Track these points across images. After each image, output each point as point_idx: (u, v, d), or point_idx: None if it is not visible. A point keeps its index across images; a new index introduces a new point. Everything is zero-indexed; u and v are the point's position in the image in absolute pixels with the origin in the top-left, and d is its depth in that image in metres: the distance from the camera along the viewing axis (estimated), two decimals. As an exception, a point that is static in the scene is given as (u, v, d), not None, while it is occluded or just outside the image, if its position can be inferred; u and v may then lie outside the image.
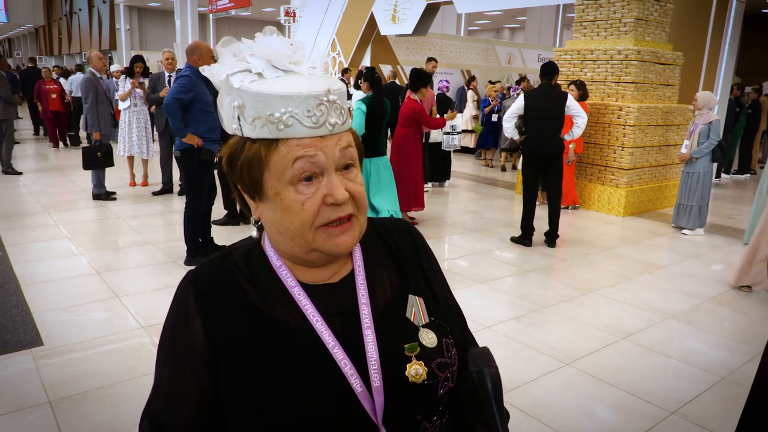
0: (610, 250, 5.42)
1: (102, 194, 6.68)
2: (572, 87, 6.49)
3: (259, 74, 0.76)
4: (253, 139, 0.77)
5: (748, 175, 10.73)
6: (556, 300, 4.11)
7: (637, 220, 6.70)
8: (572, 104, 5.26)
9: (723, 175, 10.00)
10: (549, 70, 5.31)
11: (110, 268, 4.40)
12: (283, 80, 0.76)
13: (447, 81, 8.33)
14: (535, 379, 2.89)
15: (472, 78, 11.25)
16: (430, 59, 8.12)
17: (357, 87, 7.29)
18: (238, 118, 0.77)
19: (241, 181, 0.80)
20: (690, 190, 6.03)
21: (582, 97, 6.46)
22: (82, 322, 3.49)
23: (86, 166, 6.50)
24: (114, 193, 6.88)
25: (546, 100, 5.25)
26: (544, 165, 5.33)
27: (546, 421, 2.59)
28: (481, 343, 0.91)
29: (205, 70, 0.81)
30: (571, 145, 6.43)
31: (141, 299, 3.82)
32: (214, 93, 4.20)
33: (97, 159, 6.49)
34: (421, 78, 5.83)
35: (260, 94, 0.74)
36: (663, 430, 2.57)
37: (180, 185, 6.98)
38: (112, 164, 6.64)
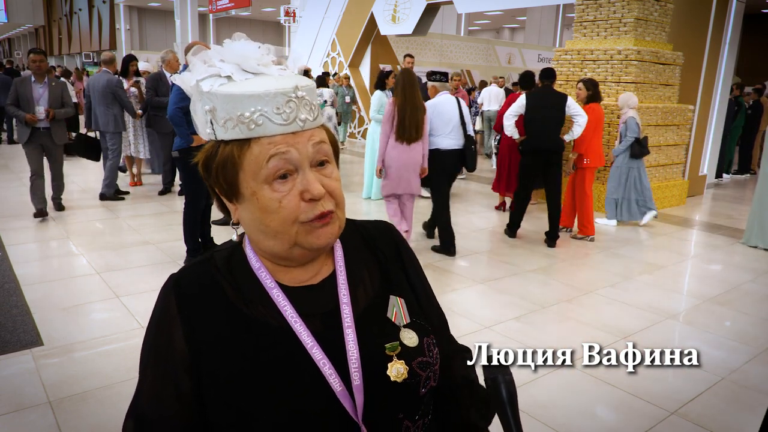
0: (610, 250, 5.42)
1: (110, 195, 6.69)
2: (580, 85, 5.94)
3: (228, 77, 0.77)
4: (226, 141, 0.78)
5: (748, 175, 10.74)
6: (556, 300, 4.11)
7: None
8: (572, 104, 5.35)
9: (723, 175, 10.02)
10: (550, 73, 5.51)
11: (110, 268, 4.40)
12: (251, 81, 0.77)
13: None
14: (535, 379, 2.89)
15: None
16: (407, 55, 8.06)
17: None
18: (211, 123, 0.78)
19: (217, 184, 0.81)
20: (615, 184, 6.22)
21: (591, 98, 5.73)
22: (82, 322, 3.49)
23: (67, 149, 6.39)
24: (127, 193, 6.91)
25: (546, 100, 5.36)
26: (545, 162, 5.38)
27: (546, 421, 2.59)
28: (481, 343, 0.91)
29: (176, 79, 0.82)
30: (571, 155, 5.86)
31: (141, 299, 3.82)
32: None
33: (81, 145, 6.65)
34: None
35: (229, 96, 0.75)
36: (663, 430, 2.57)
37: (180, 185, 6.99)
38: (96, 159, 6.80)
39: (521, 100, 5.45)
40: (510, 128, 5.53)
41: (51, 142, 5.68)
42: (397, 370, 0.80)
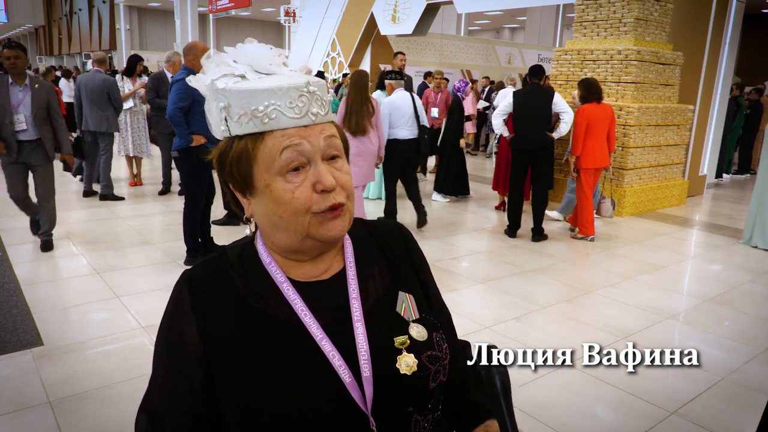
0: (610, 250, 5.42)
1: (110, 195, 6.67)
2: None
3: (242, 76, 0.80)
4: (240, 135, 0.80)
5: (748, 175, 10.74)
6: (556, 300, 4.11)
7: (637, 220, 6.70)
8: (558, 101, 5.46)
9: (723, 175, 10.02)
10: (538, 71, 5.58)
11: (110, 268, 4.40)
12: (265, 79, 0.80)
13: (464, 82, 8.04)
14: (535, 379, 2.89)
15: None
16: (397, 53, 7.99)
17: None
18: (225, 120, 0.80)
19: (231, 178, 0.83)
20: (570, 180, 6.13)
21: (583, 98, 5.52)
22: (82, 322, 3.49)
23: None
24: (122, 198, 6.88)
25: (533, 98, 5.47)
26: (532, 158, 5.46)
27: (546, 421, 2.59)
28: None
29: (192, 81, 0.84)
30: (572, 158, 5.68)
31: (141, 299, 3.82)
32: None
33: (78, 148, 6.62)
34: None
35: (244, 91, 0.78)
36: (663, 430, 2.57)
37: (180, 185, 6.98)
38: (81, 158, 6.80)
39: (508, 98, 5.57)
40: (499, 126, 5.69)
41: (37, 158, 4.56)
42: (406, 363, 0.81)
